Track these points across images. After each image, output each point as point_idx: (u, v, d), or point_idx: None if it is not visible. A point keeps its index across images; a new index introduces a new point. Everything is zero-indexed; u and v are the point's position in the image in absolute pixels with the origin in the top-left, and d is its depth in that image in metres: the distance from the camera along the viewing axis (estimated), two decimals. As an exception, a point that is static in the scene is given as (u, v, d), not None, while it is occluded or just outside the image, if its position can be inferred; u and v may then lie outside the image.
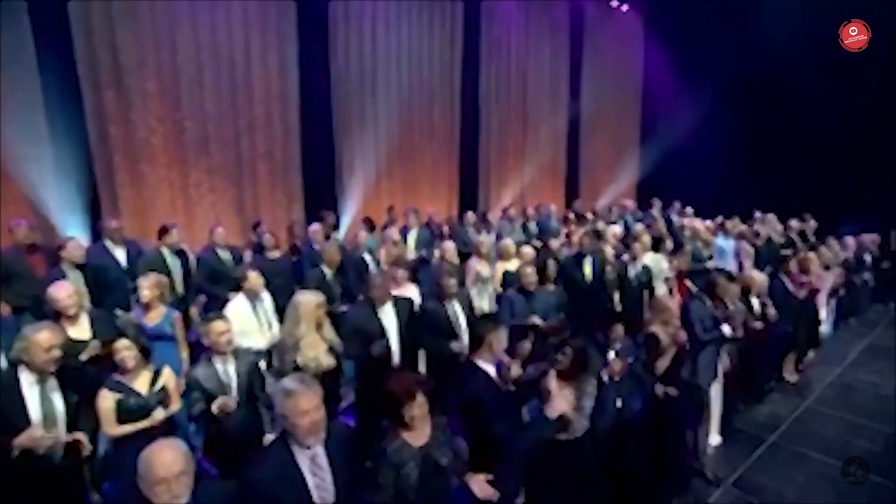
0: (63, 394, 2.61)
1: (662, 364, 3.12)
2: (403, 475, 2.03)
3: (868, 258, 7.27)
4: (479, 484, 2.20)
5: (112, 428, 2.63)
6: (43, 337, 2.50)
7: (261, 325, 3.89)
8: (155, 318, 3.63)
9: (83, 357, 3.01)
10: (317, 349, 3.06)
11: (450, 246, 5.16)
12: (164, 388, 2.75)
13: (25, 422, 2.47)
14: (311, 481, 1.84)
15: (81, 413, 2.67)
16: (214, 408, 2.66)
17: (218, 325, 2.81)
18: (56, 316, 3.13)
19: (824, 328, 6.13)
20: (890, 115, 8.71)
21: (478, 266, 5.12)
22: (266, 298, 4.05)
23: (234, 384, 2.83)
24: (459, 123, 9.18)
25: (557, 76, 10.81)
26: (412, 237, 6.35)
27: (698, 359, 3.65)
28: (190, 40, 6.22)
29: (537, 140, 10.54)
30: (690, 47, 10.87)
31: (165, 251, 4.87)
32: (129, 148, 5.95)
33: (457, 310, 3.74)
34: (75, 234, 5.37)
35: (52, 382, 2.60)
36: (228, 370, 2.84)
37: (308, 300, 3.11)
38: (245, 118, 6.73)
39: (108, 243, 4.83)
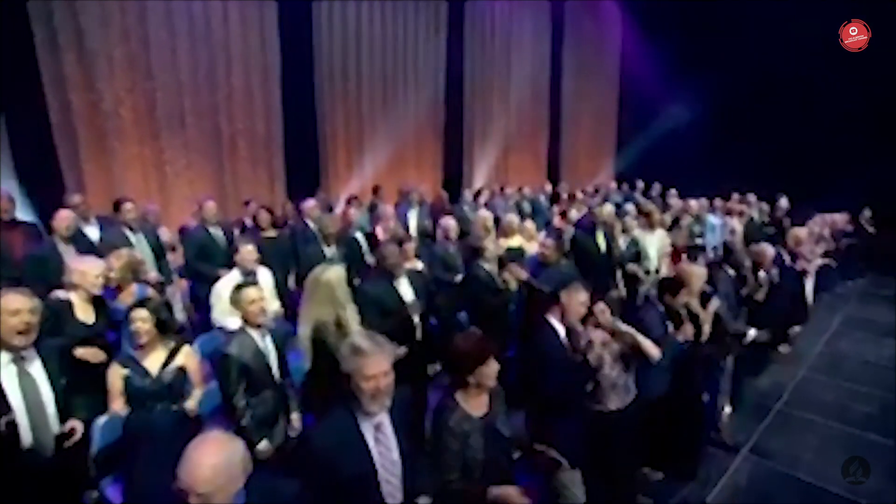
0: (49, 377, 2.25)
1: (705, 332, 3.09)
2: (469, 448, 1.86)
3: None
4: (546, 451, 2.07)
5: (119, 407, 2.32)
6: (8, 299, 2.11)
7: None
8: (126, 298, 3.28)
9: (79, 353, 2.66)
10: (358, 326, 2.81)
11: (451, 223, 4.99)
12: (181, 369, 2.44)
13: (5, 410, 2.10)
14: (374, 450, 1.66)
15: (76, 399, 2.34)
16: None
17: (250, 293, 2.53)
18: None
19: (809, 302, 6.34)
20: (860, 101, 9.06)
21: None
22: (263, 276, 3.77)
23: (273, 359, 2.58)
24: (444, 103, 8.99)
25: (539, 61, 10.80)
26: (413, 216, 6.11)
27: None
28: (159, 2, 5.70)
29: (520, 124, 10.53)
30: (667, 31, 11.04)
31: (125, 229, 4.39)
32: (95, 119, 5.41)
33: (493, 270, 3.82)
34: (28, 214, 4.90)
35: (35, 363, 2.22)
36: (267, 343, 2.59)
37: (338, 276, 2.84)
38: (223, 91, 6.28)
39: (79, 222, 4.37)
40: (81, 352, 2.67)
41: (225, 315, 3.56)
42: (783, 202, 7.93)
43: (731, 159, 10.25)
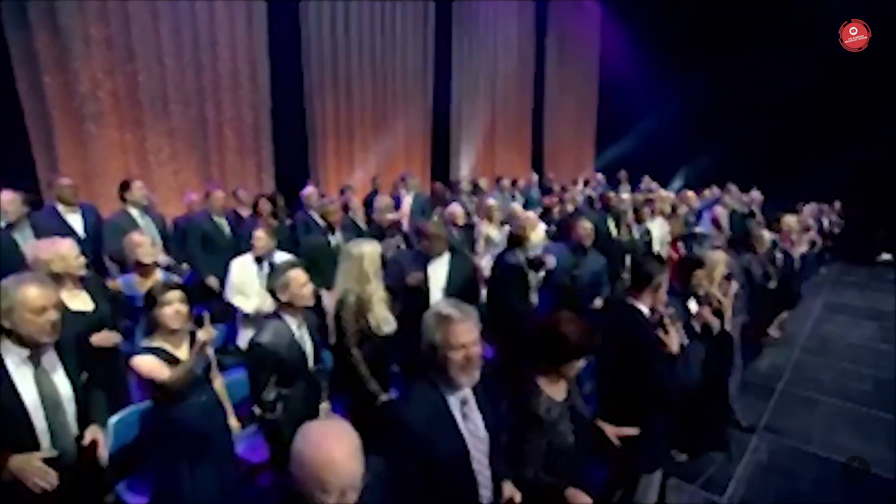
0: (68, 373, 1.99)
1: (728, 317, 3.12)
2: (556, 434, 1.75)
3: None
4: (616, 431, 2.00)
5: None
6: (32, 294, 1.79)
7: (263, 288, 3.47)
8: (148, 284, 3.04)
9: (96, 340, 2.41)
10: (385, 308, 2.66)
11: (458, 209, 4.91)
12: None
13: (22, 414, 1.84)
14: (463, 427, 1.54)
15: (93, 398, 2.11)
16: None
17: (299, 275, 2.27)
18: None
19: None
20: (833, 98, 9.50)
21: (487, 230, 4.99)
22: (279, 261, 3.59)
23: (309, 349, 2.37)
24: (432, 97, 8.93)
25: (524, 58, 10.89)
26: (407, 204, 5.98)
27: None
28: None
29: (506, 119, 10.62)
30: (646, 29, 11.30)
31: (133, 211, 4.15)
32: (70, 102, 5.02)
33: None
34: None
35: (52, 358, 1.96)
36: (304, 334, 2.36)
37: (373, 250, 2.66)
38: (209, 76, 5.95)
39: (60, 207, 4.03)
40: (97, 338, 2.42)
41: (235, 294, 3.47)
42: (755, 194, 8.22)
43: (707, 152, 10.60)
